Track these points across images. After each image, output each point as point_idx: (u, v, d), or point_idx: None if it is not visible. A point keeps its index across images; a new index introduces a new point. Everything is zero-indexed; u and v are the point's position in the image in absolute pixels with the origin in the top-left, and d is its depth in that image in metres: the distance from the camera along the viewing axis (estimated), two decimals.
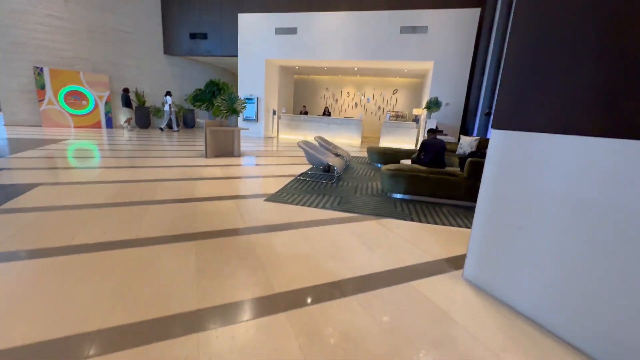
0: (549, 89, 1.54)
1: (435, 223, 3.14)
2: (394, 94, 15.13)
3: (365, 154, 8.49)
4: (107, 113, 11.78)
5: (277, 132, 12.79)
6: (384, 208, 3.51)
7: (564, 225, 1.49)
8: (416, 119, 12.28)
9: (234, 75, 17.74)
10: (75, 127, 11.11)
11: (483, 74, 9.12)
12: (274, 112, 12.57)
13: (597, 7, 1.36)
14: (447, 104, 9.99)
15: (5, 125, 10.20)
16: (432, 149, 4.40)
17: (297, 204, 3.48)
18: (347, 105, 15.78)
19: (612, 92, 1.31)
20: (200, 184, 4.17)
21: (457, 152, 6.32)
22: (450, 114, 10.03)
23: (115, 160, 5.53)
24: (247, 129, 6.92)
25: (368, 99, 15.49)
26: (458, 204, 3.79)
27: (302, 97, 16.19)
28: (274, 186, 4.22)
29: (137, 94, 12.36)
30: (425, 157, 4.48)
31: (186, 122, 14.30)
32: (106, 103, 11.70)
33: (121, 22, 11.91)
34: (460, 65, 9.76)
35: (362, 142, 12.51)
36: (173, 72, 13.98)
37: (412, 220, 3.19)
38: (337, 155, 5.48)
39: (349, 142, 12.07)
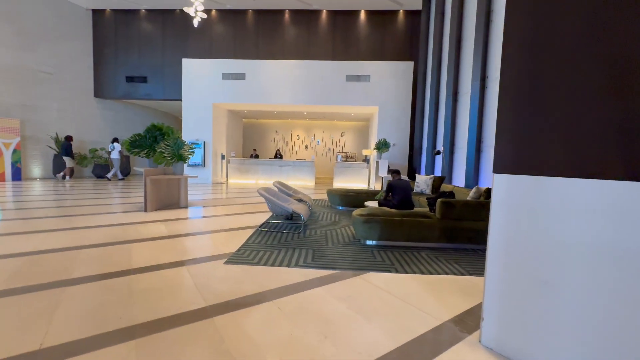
0: (557, 127, 1.46)
1: (422, 272, 2.88)
2: (341, 136, 15.75)
3: (323, 196, 8.27)
4: (14, 163, 9.86)
5: (227, 177, 12.06)
6: (363, 259, 3.18)
7: (602, 278, 1.32)
8: (366, 159, 12.75)
9: (176, 119, 16.85)
10: None
11: (423, 116, 9.99)
12: (223, 157, 11.94)
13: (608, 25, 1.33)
14: (394, 145, 10.58)
15: None
16: (401, 191, 4.34)
17: (265, 264, 2.95)
18: (298, 148, 15.88)
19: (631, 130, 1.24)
20: (138, 247, 3.39)
21: (414, 191, 6.46)
22: (397, 154, 10.60)
23: (20, 223, 4.35)
24: (195, 176, 6.23)
25: (318, 142, 15.84)
26: (433, 246, 3.64)
27: (252, 141, 15.90)
28: (233, 243, 3.63)
29: (56, 140, 10.72)
30: (394, 198, 4.38)
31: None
32: (14, 151, 9.85)
33: (42, 61, 10.63)
34: (402, 109, 10.61)
35: (315, 183, 12.42)
36: (104, 116, 12.67)
37: (396, 271, 2.89)
38: (300, 200, 5.12)
39: (303, 183, 11.88)
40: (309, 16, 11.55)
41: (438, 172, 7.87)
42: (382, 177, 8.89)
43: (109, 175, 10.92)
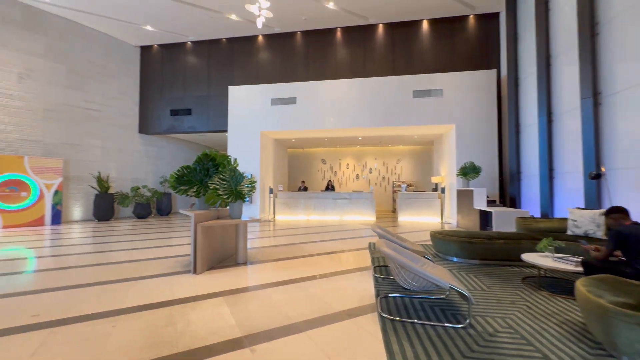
0: None
1: None
2: (397, 162, 13.94)
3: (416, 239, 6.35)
4: (55, 205, 9.12)
5: (274, 213, 10.58)
6: None
7: None
8: (437, 188, 10.74)
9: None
10: (4, 226, 8.23)
11: (518, 133, 7.98)
12: (271, 191, 10.55)
13: None
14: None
15: None
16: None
17: None
18: (348, 178, 14.25)
19: None
20: None
21: (569, 232, 4.38)
22: (485, 180, 8.51)
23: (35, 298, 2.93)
24: (258, 219, 4.67)
25: (370, 170, 14.13)
26: None
27: (297, 172, 14.58)
28: (356, 344, 1.85)
29: (99, 179, 10.00)
30: (630, 256, 2.43)
31: (160, 208, 11.77)
32: (56, 192, 9.16)
33: (89, 99, 10.28)
34: (485, 125, 8.69)
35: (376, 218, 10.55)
36: (147, 152, 12.05)
37: None
38: (427, 259, 3.28)
39: (362, 219, 10.06)
40: (363, 32, 10.42)
41: (578, 201, 5.69)
42: (479, 210, 6.84)
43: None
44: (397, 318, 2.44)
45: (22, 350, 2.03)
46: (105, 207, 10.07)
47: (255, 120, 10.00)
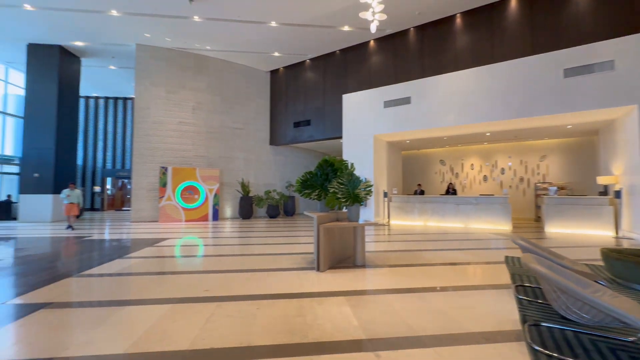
0: None
1: None
2: (541, 160, 11.38)
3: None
4: (214, 205, 11.71)
5: (389, 217, 10.37)
6: None
7: None
8: (605, 191, 8.20)
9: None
10: (186, 220, 11.14)
11: None
12: (385, 195, 10.42)
13: None
14: None
15: (132, 222, 10.80)
16: None
17: None
18: (473, 180, 12.58)
19: None
20: None
21: None
22: None
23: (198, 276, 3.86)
24: (375, 222, 4.69)
25: (502, 170, 12.05)
26: None
27: (412, 175, 13.89)
28: None
29: (242, 184, 12.24)
30: None
31: (286, 210, 13.46)
32: (215, 195, 11.74)
33: (235, 120, 12.76)
34: None
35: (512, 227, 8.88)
36: (276, 160, 13.97)
37: None
38: (601, 284, 2.52)
39: (493, 227, 8.63)
40: (490, 12, 9.06)
41: None
42: None
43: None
44: (556, 355, 1.94)
45: (200, 316, 2.65)
46: (247, 207, 12.22)
47: (368, 124, 10.13)
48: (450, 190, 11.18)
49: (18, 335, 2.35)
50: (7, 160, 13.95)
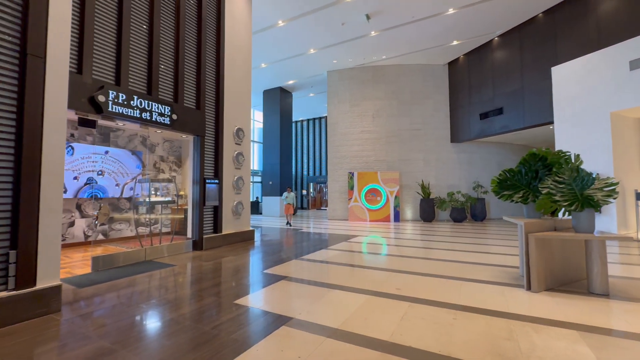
0: None
1: None
2: None
3: None
4: (395, 207, 12.08)
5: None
6: None
7: None
8: None
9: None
10: (370, 220, 12.14)
11: None
12: (638, 196, 7.12)
13: None
14: None
15: (328, 219, 12.98)
16: None
17: None
18: None
19: None
20: None
21: None
22: None
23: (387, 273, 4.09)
24: (624, 236, 3.29)
25: None
26: None
27: None
28: None
29: (422, 186, 11.93)
30: None
31: (474, 214, 11.85)
32: (395, 197, 12.10)
33: (413, 121, 12.68)
34: None
35: None
36: (459, 159, 12.65)
37: None
38: None
39: None
40: None
41: None
42: None
43: None
44: None
45: (394, 312, 2.79)
46: (428, 210, 11.79)
47: (599, 98, 7.32)
48: None
49: (271, 295, 3.35)
50: (255, 173, 20.38)
